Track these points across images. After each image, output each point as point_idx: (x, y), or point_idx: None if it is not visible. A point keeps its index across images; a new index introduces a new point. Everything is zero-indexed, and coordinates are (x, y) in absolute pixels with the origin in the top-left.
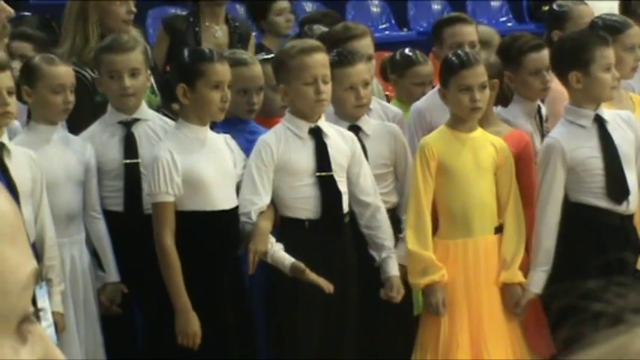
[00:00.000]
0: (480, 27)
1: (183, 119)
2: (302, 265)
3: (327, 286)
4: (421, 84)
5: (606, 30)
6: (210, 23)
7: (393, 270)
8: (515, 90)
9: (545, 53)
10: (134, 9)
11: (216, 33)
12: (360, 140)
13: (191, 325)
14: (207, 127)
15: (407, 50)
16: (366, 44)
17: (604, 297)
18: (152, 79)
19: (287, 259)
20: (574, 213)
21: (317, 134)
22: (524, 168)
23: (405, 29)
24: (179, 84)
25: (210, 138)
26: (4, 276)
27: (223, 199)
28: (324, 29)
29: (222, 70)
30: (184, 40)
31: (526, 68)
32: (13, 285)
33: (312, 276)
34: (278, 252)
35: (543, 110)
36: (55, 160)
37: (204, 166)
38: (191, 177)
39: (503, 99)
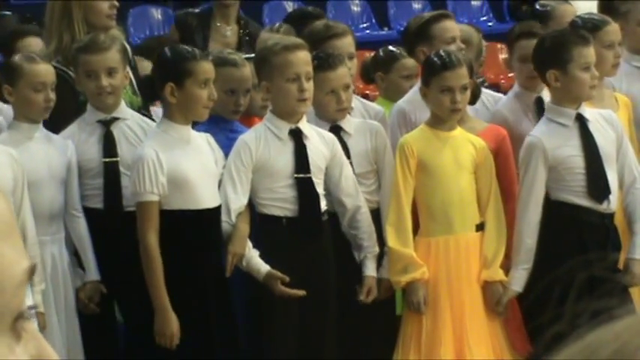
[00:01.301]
0: (459, 26)
1: (167, 118)
2: (277, 274)
3: (298, 294)
4: (408, 77)
5: (585, 28)
6: (221, 23)
7: (368, 270)
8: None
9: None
10: (117, 3)
11: (225, 33)
12: (342, 139)
13: (169, 325)
14: (190, 127)
15: (389, 47)
16: (347, 43)
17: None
18: (134, 80)
19: (262, 267)
20: (555, 211)
21: (297, 136)
22: (502, 162)
23: (385, 28)
24: (167, 83)
25: (193, 137)
26: (0, 275)
27: (207, 198)
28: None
29: (209, 68)
30: (193, 37)
31: (515, 54)
32: (7, 282)
33: (283, 289)
34: (254, 258)
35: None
36: (38, 158)
37: (188, 165)
38: (176, 176)
39: (471, 97)
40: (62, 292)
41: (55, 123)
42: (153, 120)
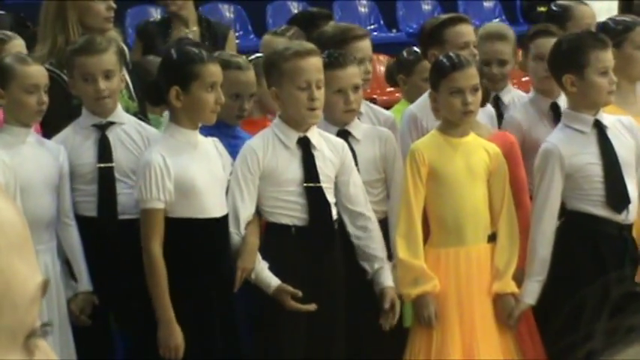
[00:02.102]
0: (494, 24)
1: (174, 123)
2: (288, 288)
3: (309, 308)
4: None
5: (616, 29)
6: (181, 27)
7: (387, 281)
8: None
9: (552, 42)
10: (114, 5)
11: (186, 36)
12: (349, 145)
13: (174, 337)
14: (198, 131)
15: (413, 48)
16: (365, 46)
17: None
18: (130, 85)
19: (273, 280)
20: (571, 221)
21: (305, 145)
22: (512, 169)
23: (394, 30)
24: (172, 87)
25: (200, 142)
26: (12, 290)
27: (214, 207)
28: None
29: (216, 71)
30: (155, 45)
31: (530, 53)
32: (21, 299)
33: (293, 304)
34: (264, 271)
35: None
36: (30, 163)
37: (196, 171)
38: (183, 182)
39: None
40: (55, 302)
41: (47, 127)
42: (150, 124)
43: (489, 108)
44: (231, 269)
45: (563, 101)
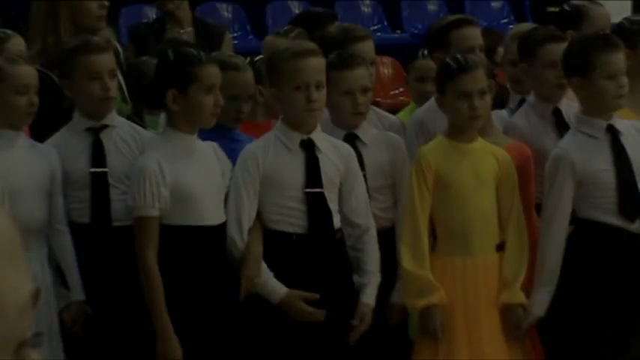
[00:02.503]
0: (526, 23)
1: (171, 127)
2: (301, 293)
3: (319, 317)
4: (421, 78)
5: (631, 30)
6: (175, 27)
7: (367, 297)
8: (531, 87)
9: (564, 47)
10: (106, 3)
11: (179, 37)
12: (357, 149)
13: (172, 350)
14: (196, 136)
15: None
16: (367, 48)
17: None
18: (124, 86)
19: (281, 287)
20: (582, 230)
21: (309, 147)
22: (522, 183)
23: (398, 31)
24: (169, 89)
25: (199, 147)
26: (3, 298)
27: (212, 214)
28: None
29: (215, 72)
30: (147, 46)
31: (539, 60)
32: (11, 308)
33: (306, 308)
34: (270, 279)
35: (565, 113)
36: (20, 168)
37: (193, 178)
38: (179, 189)
39: (499, 102)
40: (45, 313)
41: (36, 129)
42: (144, 126)
43: (502, 112)
44: (232, 278)
45: (564, 106)
